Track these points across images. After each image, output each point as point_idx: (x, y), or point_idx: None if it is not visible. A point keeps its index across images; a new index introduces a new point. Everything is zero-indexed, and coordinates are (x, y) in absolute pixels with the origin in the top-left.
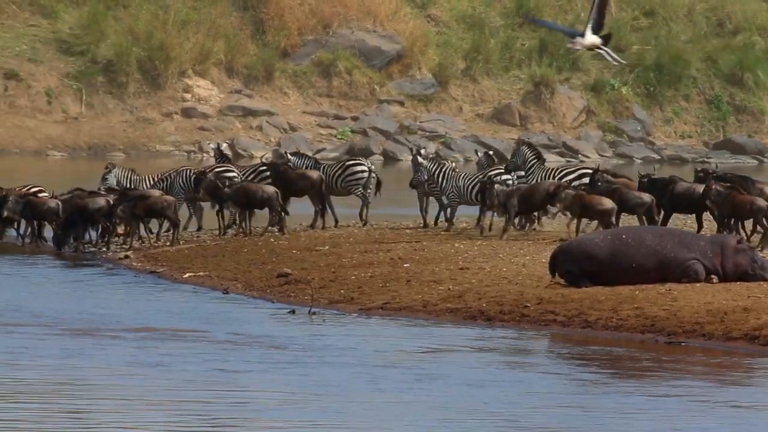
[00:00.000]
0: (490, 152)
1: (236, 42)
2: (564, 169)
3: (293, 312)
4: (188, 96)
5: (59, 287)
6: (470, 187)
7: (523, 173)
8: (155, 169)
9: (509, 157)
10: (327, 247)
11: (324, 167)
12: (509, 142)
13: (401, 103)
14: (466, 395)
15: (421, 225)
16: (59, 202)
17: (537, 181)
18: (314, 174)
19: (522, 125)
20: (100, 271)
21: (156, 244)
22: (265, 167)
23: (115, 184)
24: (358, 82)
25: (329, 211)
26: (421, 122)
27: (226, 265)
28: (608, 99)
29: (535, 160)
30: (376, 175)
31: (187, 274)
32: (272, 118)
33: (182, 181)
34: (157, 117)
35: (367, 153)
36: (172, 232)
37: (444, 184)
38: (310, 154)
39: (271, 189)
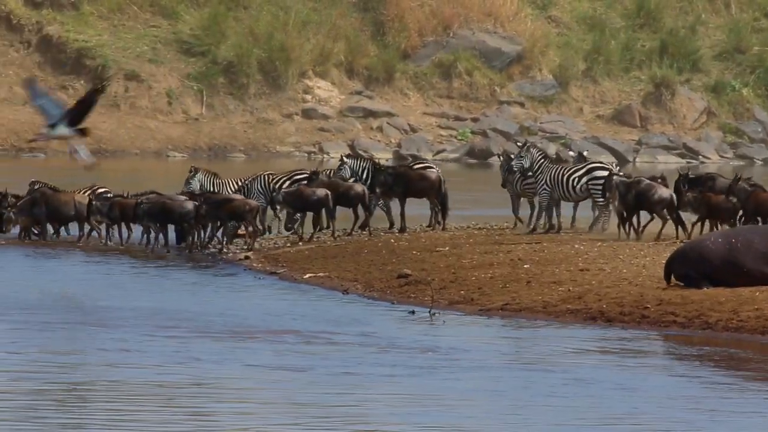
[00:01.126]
0: (584, 152)
1: (356, 43)
2: (574, 168)
3: (413, 313)
4: (308, 97)
5: (185, 289)
6: (568, 180)
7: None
8: (276, 170)
9: (515, 159)
10: (447, 248)
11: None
12: (629, 144)
13: (521, 105)
14: (615, 399)
15: (524, 227)
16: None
17: (548, 180)
18: (433, 174)
19: (642, 126)
20: (220, 272)
21: (276, 245)
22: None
23: (198, 188)
24: (479, 83)
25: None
26: (541, 123)
27: (346, 266)
28: (729, 100)
29: (542, 160)
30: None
31: (308, 275)
32: (393, 119)
33: (260, 186)
34: (277, 118)
35: (487, 154)
36: (251, 237)
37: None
38: (370, 158)
39: (360, 188)
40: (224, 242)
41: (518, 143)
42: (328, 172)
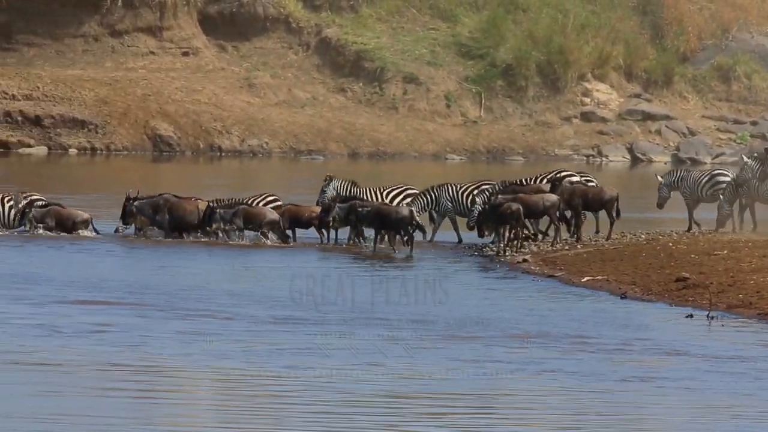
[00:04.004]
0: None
1: (635, 46)
2: None
3: (691, 317)
4: (587, 100)
5: (463, 292)
6: None
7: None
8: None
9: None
10: (725, 252)
11: (690, 175)
12: None
13: None
14: None
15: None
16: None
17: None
18: (612, 192)
19: None
20: (499, 276)
21: (555, 248)
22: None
23: (333, 195)
24: (758, 87)
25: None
26: None
27: (624, 269)
28: None
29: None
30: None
31: (585, 278)
32: (671, 123)
33: (447, 195)
34: (555, 121)
35: None
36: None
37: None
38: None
39: (554, 197)
40: (504, 246)
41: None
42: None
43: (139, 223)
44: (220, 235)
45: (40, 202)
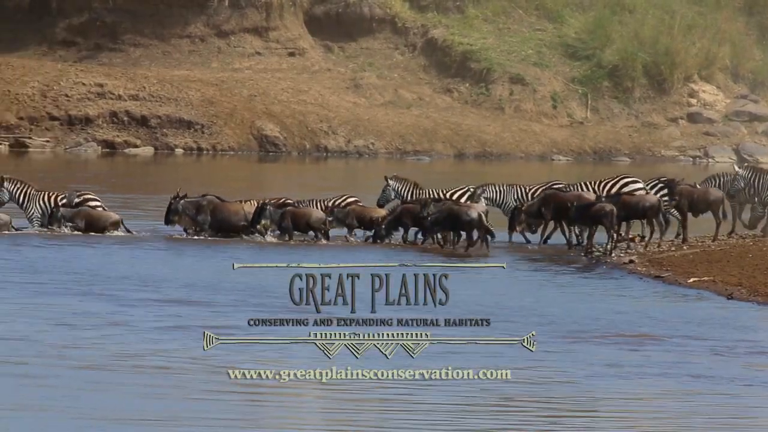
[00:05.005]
0: None
1: (741, 47)
2: None
3: None
4: (693, 101)
5: (570, 293)
6: None
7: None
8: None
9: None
10: None
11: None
12: None
13: None
14: None
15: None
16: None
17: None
18: (718, 193)
19: None
20: (604, 276)
21: (661, 249)
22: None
23: (392, 197)
24: None
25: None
26: None
27: (731, 270)
28: None
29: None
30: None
31: (692, 279)
32: None
33: (515, 196)
34: (662, 122)
35: None
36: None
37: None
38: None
39: (654, 198)
40: (610, 247)
41: None
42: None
43: (183, 223)
44: (267, 234)
45: (94, 203)
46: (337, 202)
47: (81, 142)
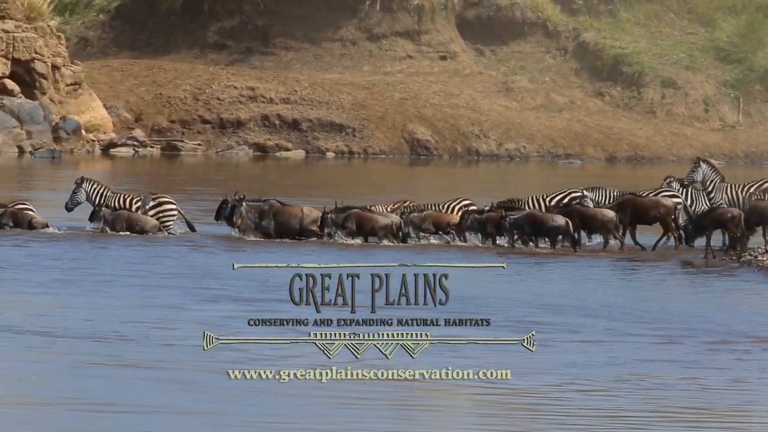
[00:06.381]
0: None
1: None
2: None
3: None
4: None
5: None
6: None
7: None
8: None
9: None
10: None
11: None
12: None
13: None
14: None
15: None
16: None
17: (722, 198)
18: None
19: None
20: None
21: None
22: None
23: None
24: None
25: None
26: None
27: None
28: None
29: (716, 178)
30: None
31: None
32: None
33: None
34: None
35: None
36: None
37: None
38: None
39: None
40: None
41: None
42: None
43: (244, 226)
44: (335, 238)
45: (169, 206)
46: (451, 206)
47: (232, 145)
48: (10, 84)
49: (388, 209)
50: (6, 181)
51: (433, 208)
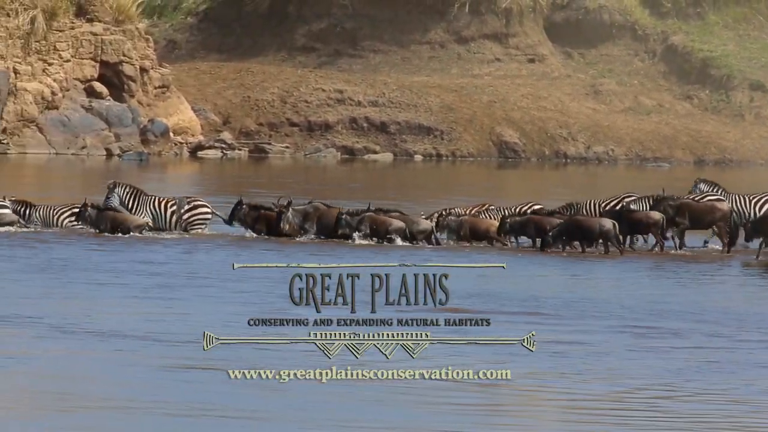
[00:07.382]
0: None
1: None
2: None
3: None
4: None
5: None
6: None
7: None
8: None
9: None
10: None
11: None
12: None
13: None
14: None
15: None
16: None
17: None
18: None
19: None
20: None
21: None
22: None
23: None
24: None
25: None
26: None
27: None
28: None
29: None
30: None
31: None
32: None
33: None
34: None
35: None
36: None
37: None
38: None
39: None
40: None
41: None
42: None
43: (292, 232)
44: (355, 239)
45: (203, 209)
46: (523, 209)
47: (320, 147)
48: (99, 87)
49: (469, 212)
50: (91, 185)
51: (505, 211)
